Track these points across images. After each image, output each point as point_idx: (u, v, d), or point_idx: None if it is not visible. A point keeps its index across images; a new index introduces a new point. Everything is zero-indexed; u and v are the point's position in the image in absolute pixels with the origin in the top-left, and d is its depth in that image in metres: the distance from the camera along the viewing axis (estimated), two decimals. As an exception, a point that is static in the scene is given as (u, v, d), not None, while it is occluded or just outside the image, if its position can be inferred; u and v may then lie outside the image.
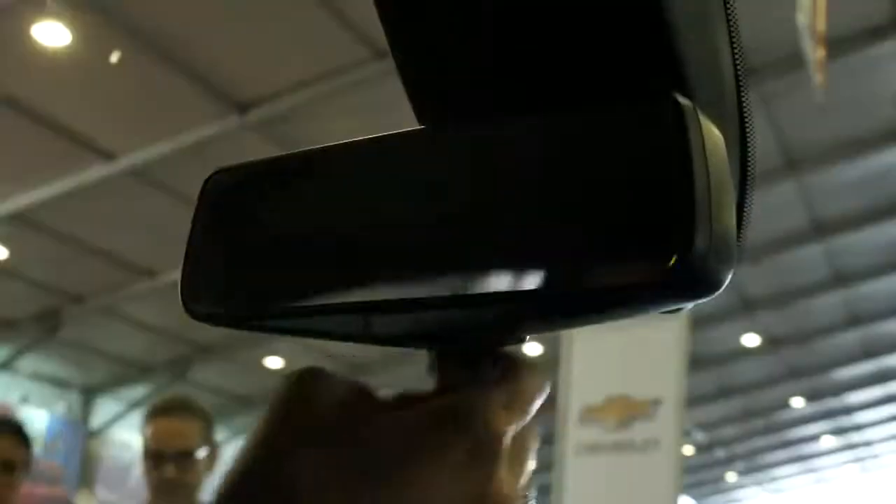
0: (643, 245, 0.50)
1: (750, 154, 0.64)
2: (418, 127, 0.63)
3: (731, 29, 0.61)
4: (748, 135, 0.64)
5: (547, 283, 0.52)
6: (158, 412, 2.87)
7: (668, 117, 0.51)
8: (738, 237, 0.61)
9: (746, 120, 0.64)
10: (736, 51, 0.61)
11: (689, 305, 0.57)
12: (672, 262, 0.48)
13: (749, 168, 0.64)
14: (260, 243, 0.64)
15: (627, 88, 0.55)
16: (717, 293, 0.51)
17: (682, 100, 0.51)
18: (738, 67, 0.62)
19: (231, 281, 0.64)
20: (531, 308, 0.55)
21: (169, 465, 2.74)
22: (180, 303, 0.64)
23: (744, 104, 0.63)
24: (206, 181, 0.67)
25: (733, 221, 0.52)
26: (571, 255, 0.52)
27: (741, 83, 0.63)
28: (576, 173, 0.53)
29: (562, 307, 0.54)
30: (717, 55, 0.60)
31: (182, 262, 0.65)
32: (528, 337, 0.60)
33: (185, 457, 2.77)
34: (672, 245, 0.49)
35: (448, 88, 0.62)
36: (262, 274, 0.63)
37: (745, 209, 0.64)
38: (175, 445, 2.77)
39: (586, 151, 0.54)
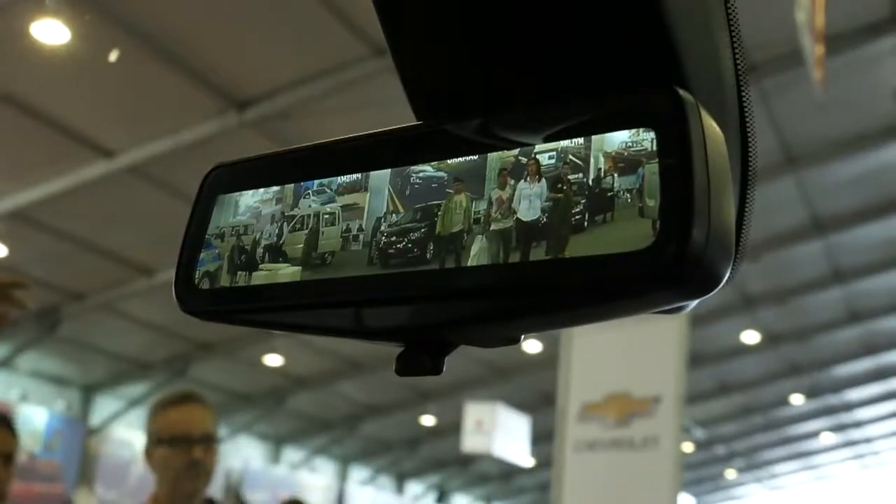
0: (640, 238, 0.49)
1: (751, 152, 0.64)
2: (415, 122, 0.63)
3: (732, 28, 0.61)
4: (749, 133, 0.64)
5: (543, 278, 0.52)
6: (180, 400, 2.95)
7: (668, 109, 0.51)
8: (741, 235, 0.61)
9: (747, 118, 0.64)
10: (737, 49, 0.61)
11: (689, 305, 0.56)
12: (669, 255, 0.48)
13: (750, 166, 0.64)
14: (254, 237, 0.64)
15: (628, 82, 0.54)
16: (715, 290, 0.51)
17: (683, 93, 0.51)
18: (739, 66, 0.62)
19: (226, 275, 0.64)
20: (527, 304, 0.54)
21: (197, 447, 2.83)
22: (173, 296, 0.64)
23: (745, 103, 0.63)
24: (206, 175, 0.67)
25: (732, 217, 0.52)
26: (568, 248, 0.52)
27: (742, 82, 0.62)
28: (574, 167, 0.54)
29: (559, 303, 0.54)
30: (718, 53, 0.60)
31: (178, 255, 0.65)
32: (522, 336, 0.60)
33: (211, 440, 2.89)
34: (669, 238, 0.48)
35: (446, 84, 0.62)
36: (255, 268, 0.63)
37: (747, 207, 0.63)
38: (202, 429, 2.88)
39: (586, 141, 0.54)
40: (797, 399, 19.72)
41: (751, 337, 15.68)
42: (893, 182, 11.33)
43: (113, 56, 7.59)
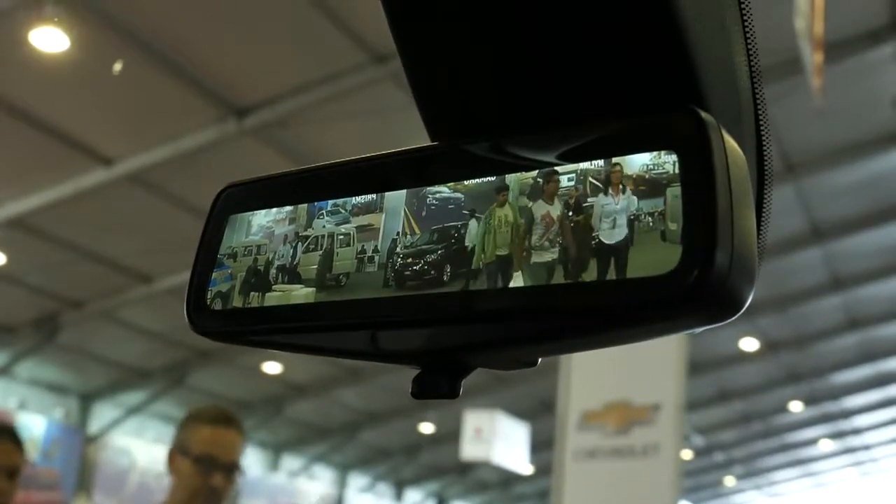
0: (662, 262, 0.49)
1: (766, 170, 0.63)
2: (431, 143, 0.62)
3: (749, 43, 0.60)
4: (765, 151, 0.63)
5: (565, 302, 0.51)
6: (218, 420, 2.89)
7: (690, 132, 0.50)
8: (757, 247, 0.60)
9: (763, 135, 0.63)
10: (753, 65, 0.61)
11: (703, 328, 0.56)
12: (692, 280, 0.48)
13: (765, 183, 0.63)
14: (267, 258, 0.63)
15: (648, 103, 0.54)
16: (738, 314, 0.50)
17: (705, 115, 0.50)
18: (756, 82, 0.61)
19: (238, 296, 0.63)
20: (548, 328, 0.54)
21: (218, 473, 2.79)
22: (185, 317, 0.63)
23: (761, 119, 0.63)
24: (218, 195, 0.66)
25: (754, 240, 0.51)
26: (591, 273, 0.51)
27: (758, 98, 0.62)
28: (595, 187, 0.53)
29: (580, 327, 0.53)
30: (735, 70, 0.59)
31: (189, 273, 0.64)
32: (539, 360, 0.59)
33: (233, 469, 2.84)
34: (692, 263, 0.48)
35: (462, 105, 0.61)
36: (268, 289, 0.62)
37: (762, 226, 0.62)
38: (228, 456, 2.83)
39: (606, 164, 0.53)
40: (796, 406, 19.70)
41: (750, 344, 15.66)
42: (892, 189, 11.33)
43: (117, 68, 7.59)
